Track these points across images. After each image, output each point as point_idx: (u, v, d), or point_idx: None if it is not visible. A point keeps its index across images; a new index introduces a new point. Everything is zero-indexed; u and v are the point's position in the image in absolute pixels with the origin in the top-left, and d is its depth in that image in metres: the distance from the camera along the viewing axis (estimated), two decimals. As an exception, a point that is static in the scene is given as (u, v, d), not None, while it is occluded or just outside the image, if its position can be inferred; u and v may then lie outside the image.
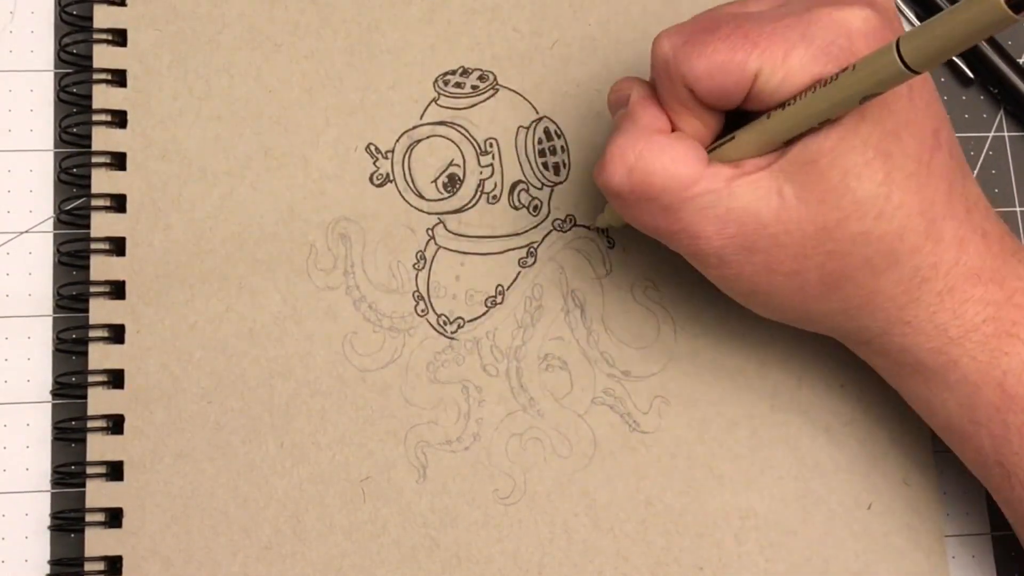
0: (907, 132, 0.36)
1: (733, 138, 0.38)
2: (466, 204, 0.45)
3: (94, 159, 0.44)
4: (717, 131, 0.39)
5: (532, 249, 0.45)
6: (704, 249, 0.38)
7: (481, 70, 0.47)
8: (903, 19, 0.50)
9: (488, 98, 0.46)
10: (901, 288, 0.37)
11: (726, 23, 0.37)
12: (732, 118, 0.39)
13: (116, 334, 0.43)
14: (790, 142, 0.36)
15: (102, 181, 0.44)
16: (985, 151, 0.49)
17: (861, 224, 0.36)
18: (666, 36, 0.38)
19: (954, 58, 0.50)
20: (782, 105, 0.36)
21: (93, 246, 0.44)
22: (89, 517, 0.42)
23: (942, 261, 0.37)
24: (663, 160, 0.37)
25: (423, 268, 0.45)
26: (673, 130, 0.38)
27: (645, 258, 0.45)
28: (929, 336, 0.38)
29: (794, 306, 0.39)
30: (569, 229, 0.45)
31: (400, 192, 0.45)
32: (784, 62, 0.35)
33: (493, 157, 0.46)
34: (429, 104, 0.46)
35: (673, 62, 0.37)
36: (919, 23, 0.50)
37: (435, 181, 0.45)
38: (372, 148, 0.45)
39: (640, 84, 0.39)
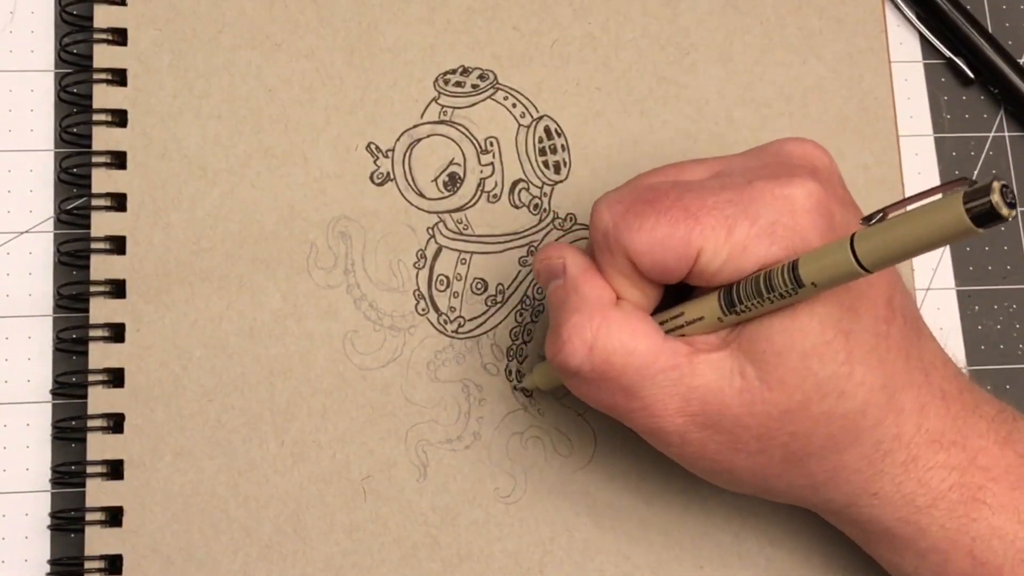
0: (863, 306, 0.35)
1: (682, 314, 0.37)
2: (467, 203, 0.45)
3: (94, 158, 0.44)
4: (657, 300, 0.37)
5: (533, 248, 0.45)
6: (665, 427, 0.36)
7: (481, 69, 0.47)
8: (903, 17, 0.50)
9: (488, 97, 0.46)
10: (865, 462, 0.36)
11: (665, 195, 0.35)
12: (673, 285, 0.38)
13: (116, 333, 0.43)
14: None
15: (102, 180, 0.44)
16: (985, 151, 0.49)
17: (823, 404, 0.35)
18: (606, 206, 0.36)
19: (954, 58, 0.50)
20: (733, 308, 0.35)
21: (93, 245, 0.44)
22: (89, 516, 0.42)
23: (904, 432, 0.36)
24: (621, 337, 0.36)
25: (424, 267, 0.45)
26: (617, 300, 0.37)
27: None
28: (896, 506, 0.37)
29: (756, 482, 0.38)
30: (570, 228, 0.45)
31: (400, 191, 0.45)
32: (727, 241, 0.34)
33: (493, 156, 0.46)
34: (429, 103, 0.46)
35: (614, 233, 0.36)
36: (919, 23, 0.50)
37: (436, 180, 0.45)
38: (372, 147, 0.45)
39: (574, 253, 0.38)
